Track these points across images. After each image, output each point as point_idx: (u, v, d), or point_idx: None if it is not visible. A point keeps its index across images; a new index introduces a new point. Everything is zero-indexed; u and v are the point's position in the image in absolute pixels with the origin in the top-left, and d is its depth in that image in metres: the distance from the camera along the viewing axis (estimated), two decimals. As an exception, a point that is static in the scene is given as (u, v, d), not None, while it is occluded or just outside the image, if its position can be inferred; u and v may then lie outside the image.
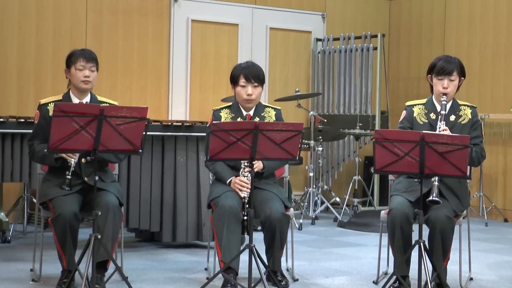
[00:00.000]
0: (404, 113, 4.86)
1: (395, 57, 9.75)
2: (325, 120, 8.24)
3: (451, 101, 4.79)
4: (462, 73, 4.76)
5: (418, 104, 4.84)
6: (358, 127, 8.30)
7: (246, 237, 4.55)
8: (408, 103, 4.89)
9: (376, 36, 8.81)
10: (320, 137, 7.99)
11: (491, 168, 8.59)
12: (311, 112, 7.95)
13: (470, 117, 4.78)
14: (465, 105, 4.84)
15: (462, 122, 4.76)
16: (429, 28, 9.35)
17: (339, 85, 9.09)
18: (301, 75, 9.30)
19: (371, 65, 8.80)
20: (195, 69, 8.52)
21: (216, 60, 8.65)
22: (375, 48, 8.80)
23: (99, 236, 4.26)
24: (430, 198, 4.32)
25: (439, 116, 4.66)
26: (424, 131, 4.33)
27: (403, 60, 9.67)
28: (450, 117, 4.75)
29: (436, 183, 4.38)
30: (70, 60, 4.68)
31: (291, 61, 9.21)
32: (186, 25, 8.45)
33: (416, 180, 4.37)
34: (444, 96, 4.68)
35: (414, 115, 4.80)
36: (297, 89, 7.93)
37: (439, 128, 4.60)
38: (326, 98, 9.20)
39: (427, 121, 4.76)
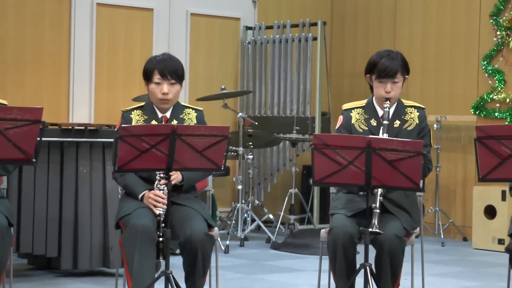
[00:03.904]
0: (340, 118, 4.85)
1: (338, 49, 9.87)
2: (256, 123, 8.28)
3: (395, 103, 4.80)
4: (406, 71, 4.77)
5: (357, 108, 4.85)
6: (295, 131, 8.36)
7: (162, 262, 4.54)
8: (345, 107, 4.88)
9: (316, 24, 8.90)
10: (251, 143, 8.02)
11: (449, 179, 8.74)
12: (240, 114, 7.98)
13: (418, 121, 4.81)
14: (412, 106, 4.86)
15: (408, 128, 4.78)
16: (378, 16, 9.49)
17: (273, 81, 9.15)
18: (228, 70, 9.33)
19: (310, 58, 8.89)
20: (101, 62, 8.46)
21: (126, 51, 8.60)
22: (315, 38, 8.89)
23: (-17, 264, 4.20)
24: (372, 229, 4.32)
25: (381, 127, 4.66)
26: (371, 136, 4.37)
27: (348, 53, 9.79)
28: (394, 123, 4.76)
29: (377, 210, 4.36)
30: None
31: (217, 53, 9.22)
32: (91, 9, 8.39)
33: (361, 193, 4.41)
34: (387, 102, 4.70)
35: (353, 122, 4.81)
36: (223, 87, 7.95)
37: None
38: (257, 97, 9.25)
39: (367, 128, 4.77)
